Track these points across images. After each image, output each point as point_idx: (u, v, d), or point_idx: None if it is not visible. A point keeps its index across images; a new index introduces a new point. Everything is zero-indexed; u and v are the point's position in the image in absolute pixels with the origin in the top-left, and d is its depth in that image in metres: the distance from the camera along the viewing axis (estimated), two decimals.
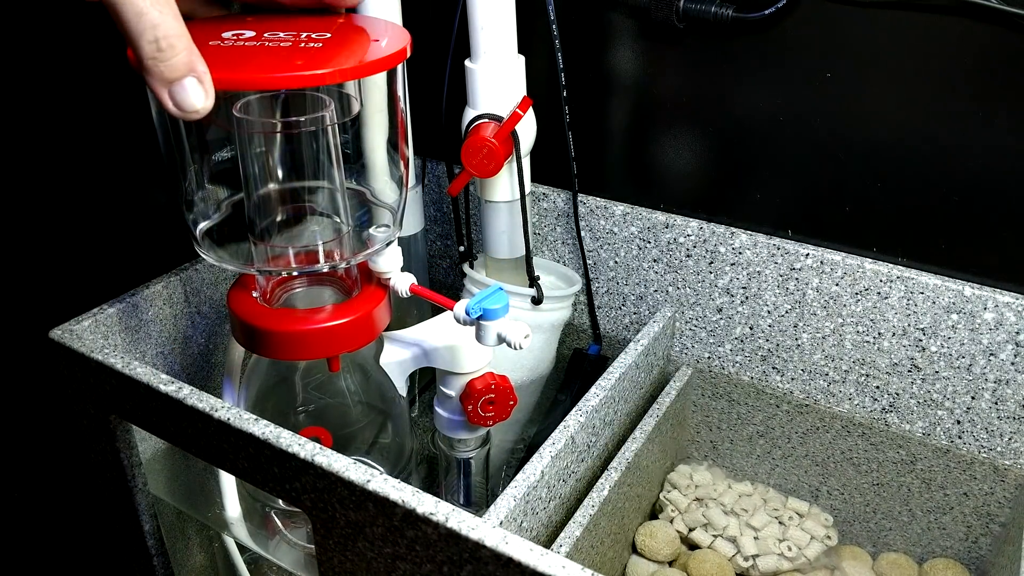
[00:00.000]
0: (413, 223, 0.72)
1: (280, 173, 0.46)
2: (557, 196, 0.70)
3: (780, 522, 0.66)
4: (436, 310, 0.52)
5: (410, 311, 0.71)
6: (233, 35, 0.42)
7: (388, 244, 0.48)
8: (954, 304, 0.56)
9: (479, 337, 0.46)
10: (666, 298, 0.68)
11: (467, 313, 0.45)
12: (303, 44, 0.41)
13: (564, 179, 0.69)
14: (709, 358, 0.68)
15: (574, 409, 0.53)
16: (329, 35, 0.42)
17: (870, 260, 0.59)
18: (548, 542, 0.52)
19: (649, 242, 0.67)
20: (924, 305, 0.57)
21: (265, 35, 0.42)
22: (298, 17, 0.46)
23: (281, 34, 0.42)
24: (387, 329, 0.50)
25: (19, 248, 0.55)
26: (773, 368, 0.65)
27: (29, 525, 0.60)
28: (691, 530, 0.66)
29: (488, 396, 0.52)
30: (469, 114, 0.60)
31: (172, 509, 0.58)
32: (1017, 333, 0.55)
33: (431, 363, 0.52)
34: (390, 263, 0.48)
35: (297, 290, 0.51)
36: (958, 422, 0.59)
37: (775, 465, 0.69)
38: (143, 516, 0.54)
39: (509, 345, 0.45)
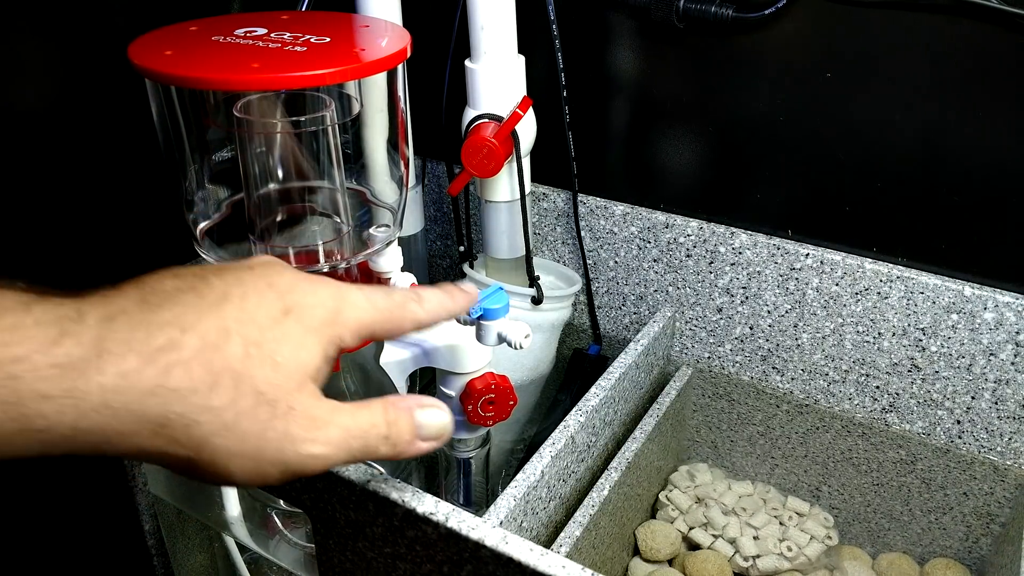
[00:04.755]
0: (413, 223, 0.72)
1: (280, 173, 0.46)
2: (557, 196, 0.70)
3: (780, 522, 0.66)
4: None
5: None
6: (245, 31, 0.42)
7: (388, 244, 0.48)
8: (954, 304, 0.56)
9: (479, 337, 0.46)
10: (666, 298, 0.68)
11: (467, 313, 0.45)
12: (304, 44, 0.41)
13: (564, 179, 0.69)
14: (709, 358, 0.68)
15: (574, 409, 0.53)
16: (329, 38, 0.42)
17: (870, 260, 0.59)
18: (548, 542, 0.52)
19: (649, 242, 0.67)
20: (924, 305, 0.57)
21: (272, 34, 0.42)
22: (305, 17, 0.46)
23: (287, 35, 0.42)
24: None
25: (19, 248, 0.55)
26: (773, 368, 0.65)
27: (29, 525, 0.60)
28: (691, 530, 0.66)
29: (488, 396, 0.52)
30: (469, 114, 0.60)
31: (172, 509, 0.58)
32: (1017, 333, 0.55)
33: (431, 363, 0.52)
34: (390, 263, 0.48)
35: None
36: (958, 422, 0.59)
37: (775, 465, 0.69)
38: (143, 516, 0.54)
39: (509, 345, 0.45)
